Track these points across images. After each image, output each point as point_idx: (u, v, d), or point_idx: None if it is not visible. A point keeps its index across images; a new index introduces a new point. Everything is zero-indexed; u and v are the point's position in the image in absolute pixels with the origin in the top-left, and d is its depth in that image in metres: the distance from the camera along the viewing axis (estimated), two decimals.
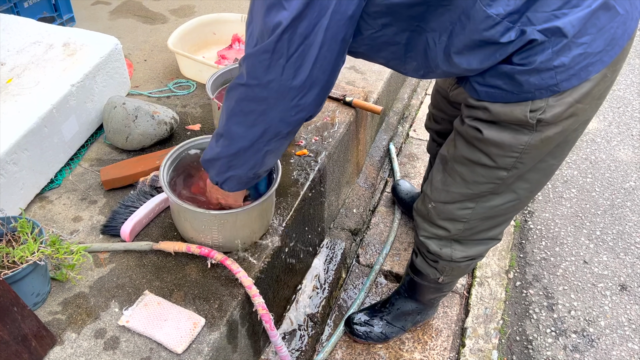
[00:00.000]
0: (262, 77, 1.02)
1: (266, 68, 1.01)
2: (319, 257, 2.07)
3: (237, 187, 1.32)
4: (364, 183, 2.51)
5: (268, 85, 1.03)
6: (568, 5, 1.00)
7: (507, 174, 1.26)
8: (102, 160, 1.83)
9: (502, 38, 1.02)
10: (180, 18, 2.79)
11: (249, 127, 1.12)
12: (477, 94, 1.17)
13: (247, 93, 1.07)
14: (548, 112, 1.11)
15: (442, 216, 1.46)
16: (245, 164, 1.22)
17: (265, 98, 1.05)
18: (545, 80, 1.07)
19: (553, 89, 1.08)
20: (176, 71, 2.32)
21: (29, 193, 1.63)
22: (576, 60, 1.04)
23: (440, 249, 1.53)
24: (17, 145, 1.52)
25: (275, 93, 1.04)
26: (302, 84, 1.03)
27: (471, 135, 1.24)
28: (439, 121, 1.78)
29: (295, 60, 0.99)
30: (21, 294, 1.24)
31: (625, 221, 2.44)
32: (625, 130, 3.04)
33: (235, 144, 1.17)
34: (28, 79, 1.72)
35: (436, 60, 1.12)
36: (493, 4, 0.99)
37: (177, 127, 1.94)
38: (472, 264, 1.61)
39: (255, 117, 1.10)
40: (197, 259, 1.51)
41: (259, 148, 1.17)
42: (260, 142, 1.15)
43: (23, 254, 1.27)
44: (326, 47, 0.99)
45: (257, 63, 1.01)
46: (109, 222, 1.58)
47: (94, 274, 1.47)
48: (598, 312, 2.04)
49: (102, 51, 1.87)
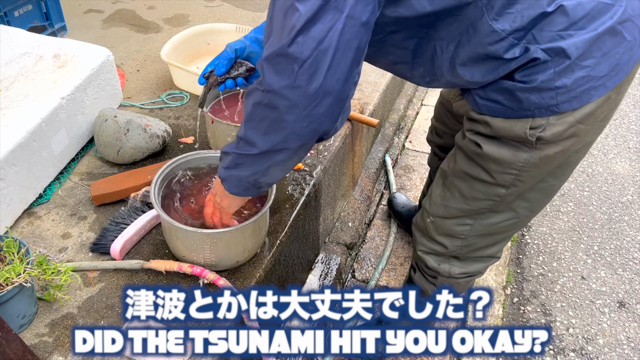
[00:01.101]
0: (276, 82, 0.98)
1: (280, 73, 0.97)
2: (314, 273, 2.04)
3: (236, 190, 1.27)
4: (360, 196, 2.48)
5: (281, 92, 0.98)
6: (574, 27, 0.99)
7: (506, 191, 1.24)
8: (93, 174, 1.79)
9: (506, 54, 1.01)
10: (174, 27, 2.75)
11: (262, 134, 1.08)
12: (478, 107, 1.15)
13: (262, 98, 1.03)
14: (548, 131, 1.09)
15: (439, 231, 1.44)
16: (250, 168, 1.18)
17: (277, 106, 1.01)
18: (545, 100, 1.05)
19: (553, 109, 1.06)
20: (169, 82, 2.28)
21: (17, 209, 1.58)
22: (578, 82, 1.03)
23: (438, 265, 1.51)
24: (5, 160, 1.48)
25: (287, 100, 0.99)
26: (315, 92, 0.98)
27: (471, 149, 1.23)
28: (442, 135, 1.76)
29: (309, 66, 0.95)
30: (6, 317, 1.20)
31: (623, 236, 2.42)
32: (622, 142, 3.03)
33: (246, 146, 1.14)
34: (17, 92, 1.68)
35: (442, 68, 1.11)
36: (499, 19, 0.98)
37: (169, 140, 1.91)
38: (472, 281, 1.58)
39: (268, 125, 1.06)
40: (189, 278, 1.47)
41: (267, 157, 1.13)
42: (269, 152, 1.11)
43: (9, 276, 1.23)
44: (340, 54, 0.95)
45: (271, 67, 0.98)
46: (98, 239, 1.54)
47: (83, 294, 1.42)
48: (596, 330, 2.01)
49: (93, 63, 1.83)
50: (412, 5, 0.98)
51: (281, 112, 1.01)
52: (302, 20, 0.91)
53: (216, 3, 3.05)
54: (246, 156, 1.15)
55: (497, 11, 0.98)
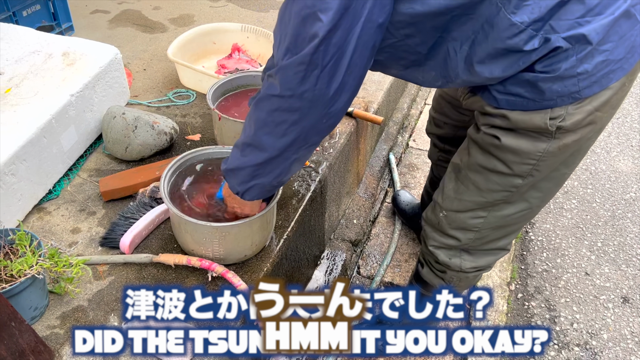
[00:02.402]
0: (297, 88, 1.02)
1: (301, 79, 1.01)
2: (319, 269, 2.06)
3: (258, 196, 1.32)
4: (364, 193, 2.50)
5: (302, 96, 1.03)
6: (591, 13, 1.01)
7: (522, 181, 1.26)
8: (101, 171, 1.81)
9: (526, 46, 1.03)
10: (180, 27, 2.78)
11: (280, 137, 1.12)
12: (496, 102, 1.17)
13: (280, 104, 1.07)
14: (568, 120, 1.12)
15: (453, 225, 1.45)
16: (271, 173, 1.22)
17: (298, 108, 1.06)
18: (567, 87, 1.07)
19: (575, 96, 1.09)
20: (176, 80, 2.30)
21: (27, 204, 1.60)
22: (599, 67, 1.06)
23: (449, 259, 1.52)
24: (16, 156, 1.50)
25: (309, 102, 1.04)
26: (335, 92, 1.03)
27: (488, 142, 1.24)
28: (441, 125, 1.78)
29: (330, 70, 1.00)
30: (19, 308, 1.22)
31: (627, 232, 2.43)
32: (624, 140, 3.04)
33: (263, 153, 1.17)
34: (27, 89, 1.70)
35: (456, 69, 1.13)
36: (518, 11, 1.00)
37: (177, 137, 1.93)
38: (480, 275, 1.60)
39: (286, 127, 1.10)
40: (198, 271, 1.49)
41: (287, 157, 1.17)
42: (289, 151, 1.15)
43: (21, 267, 1.25)
44: (357, 54, 1.00)
45: (292, 75, 1.01)
46: (108, 234, 1.56)
47: (93, 287, 1.44)
48: (601, 325, 2.02)
49: (101, 61, 1.86)
50: (426, 1, 1.00)
51: (302, 114, 1.06)
52: (324, 30, 0.94)
53: (221, 3, 3.08)
54: (264, 163, 1.19)
55: (514, 4, 0.99)
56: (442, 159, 1.87)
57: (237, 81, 1.90)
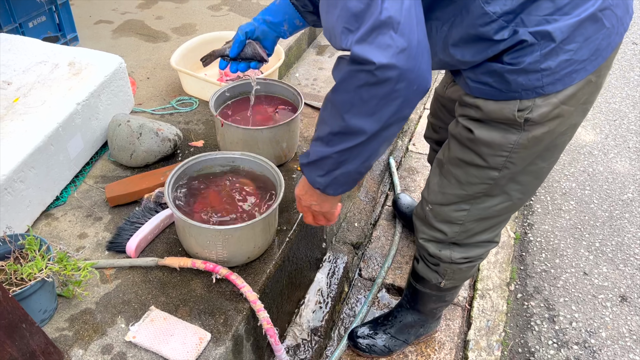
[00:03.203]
0: (381, 56, 0.96)
1: (380, 46, 0.96)
2: (321, 271, 2.09)
3: (341, 188, 1.25)
4: (365, 197, 2.53)
5: (389, 63, 0.97)
6: (559, 12, 1.06)
7: (499, 174, 1.31)
8: (107, 177, 1.85)
9: (496, 35, 1.08)
10: (182, 36, 2.83)
11: (369, 116, 1.06)
12: (470, 90, 1.22)
13: (368, 78, 1.00)
14: (535, 112, 1.16)
15: (438, 218, 1.50)
16: (359, 157, 1.14)
17: (388, 78, 0.99)
18: (531, 82, 1.12)
19: (538, 91, 1.14)
20: (179, 88, 2.35)
21: (35, 210, 1.65)
22: (562, 65, 1.11)
23: (439, 251, 1.57)
24: (24, 163, 1.55)
25: (396, 68, 0.98)
26: (416, 49, 0.99)
27: (464, 136, 1.30)
28: (438, 130, 1.83)
29: (403, 27, 0.96)
30: (29, 311, 1.25)
31: (624, 233, 2.46)
32: (621, 142, 3.08)
33: (353, 136, 1.10)
34: (34, 98, 1.75)
35: (435, 48, 1.18)
36: (491, 2, 1.06)
37: (180, 144, 1.97)
38: (473, 266, 1.63)
39: (376, 103, 1.03)
40: (202, 274, 1.53)
41: (379, 135, 1.10)
42: (380, 131, 1.08)
43: (31, 271, 1.29)
44: (418, 7, 1.00)
45: (370, 45, 0.97)
46: (114, 238, 1.60)
47: (100, 290, 1.48)
48: (599, 324, 2.05)
49: (106, 70, 1.90)
50: None
51: (392, 83, 0.99)
52: None
53: (222, 12, 3.13)
54: (352, 148, 1.12)
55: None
56: None
57: (238, 88, 1.95)
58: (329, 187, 1.23)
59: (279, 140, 1.84)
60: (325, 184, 1.22)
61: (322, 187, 1.24)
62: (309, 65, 2.80)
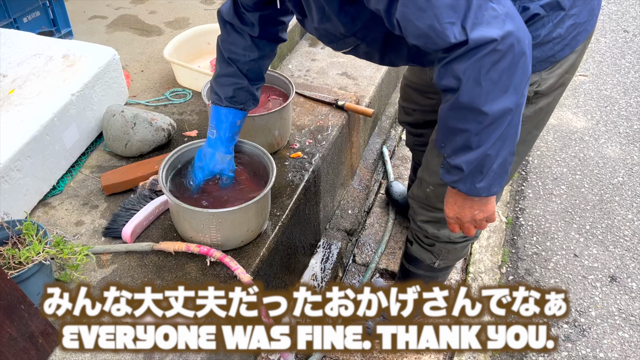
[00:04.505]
0: (493, 31, 0.95)
1: (488, 22, 0.96)
2: (315, 257, 2.13)
3: (502, 179, 1.17)
4: (359, 185, 2.57)
5: (504, 33, 0.96)
6: None
7: None
8: (103, 167, 1.88)
9: None
10: (175, 30, 2.85)
11: (505, 91, 1.02)
12: None
13: (492, 58, 0.97)
14: (543, 85, 1.22)
15: (441, 198, 1.50)
16: (510, 135, 1.08)
17: (509, 47, 0.97)
18: (545, 52, 1.18)
19: (551, 60, 1.19)
20: (172, 80, 2.38)
21: (32, 199, 1.68)
22: (569, 30, 1.17)
23: (438, 231, 1.59)
24: (20, 152, 1.58)
25: (511, 35, 0.97)
26: (511, 6, 0.98)
27: None
28: (411, 113, 1.89)
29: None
30: (27, 294, 1.28)
31: (614, 215, 2.50)
32: (612, 128, 3.11)
33: (501, 120, 1.04)
34: (29, 90, 1.78)
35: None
36: None
37: (174, 134, 2.00)
38: (467, 245, 1.66)
39: (507, 76, 1.00)
40: (197, 257, 1.56)
41: (521, 103, 1.06)
42: (521, 96, 1.05)
43: (29, 255, 1.32)
44: None
45: (481, 25, 0.96)
46: (110, 224, 1.63)
47: (97, 275, 1.52)
48: (589, 303, 2.09)
49: (100, 62, 1.93)
50: None
51: (513, 48, 0.98)
52: None
53: (215, 6, 3.16)
54: (504, 132, 1.07)
55: None
56: (417, 143, 1.96)
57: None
58: (493, 186, 1.17)
59: (270, 127, 1.87)
60: (488, 185, 1.16)
61: (487, 190, 1.17)
62: (302, 57, 2.83)
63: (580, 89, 3.45)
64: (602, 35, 4.09)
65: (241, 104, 1.54)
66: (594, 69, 3.67)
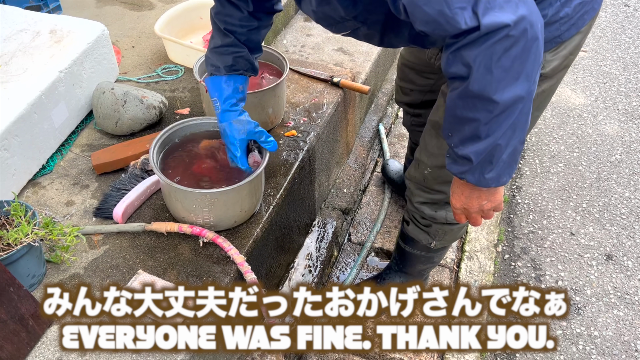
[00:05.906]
0: (507, 16, 0.92)
1: (501, 7, 0.92)
2: (310, 236, 2.11)
3: (512, 168, 1.15)
4: (354, 163, 2.54)
5: (517, 17, 0.92)
6: None
7: None
8: (93, 146, 1.85)
9: None
10: (167, 4, 2.78)
11: (517, 78, 0.98)
12: None
13: (504, 45, 0.94)
14: (547, 67, 1.19)
15: (439, 180, 1.50)
16: (520, 123, 1.06)
17: (523, 32, 0.93)
18: (552, 33, 1.14)
19: (557, 41, 1.15)
20: (164, 57, 2.33)
21: (21, 179, 1.65)
22: (576, 9, 1.13)
23: (435, 212, 1.58)
24: (8, 131, 1.54)
25: (524, 20, 0.93)
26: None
27: None
28: (408, 93, 1.86)
29: None
30: (17, 276, 1.27)
31: (611, 193, 2.48)
32: (611, 105, 3.08)
33: (513, 107, 1.02)
34: (16, 66, 1.73)
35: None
36: None
37: (166, 112, 1.96)
38: (463, 227, 1.65)
39: (519, 63, 0.97)
40: (189, 238, 1.54)
41: (532, 90, 1.03)
42: (532, 83, 1.02)
43: (17, 236, 1.30)
44: None
45: (495, 5, 0.92)
46: (101, 204, 1.61)
47: (88, 256, 1.50)
48: (584, 282, 2.09)
49: (89, 37, 1.88)
50: None
51: (526, 33, 0.94)
52: None
53: None
54: (515, 119, 1.04)
55: None
56: (415, 123, 1.93)
57: None
58: (502, 176, 1.14)
59: (264, 105, 1.83)
60: (498, 175, 1.13)
61: (496, 180, 1.14)
62: (297, 32, 2.77)
63: (580, 65, 3.40)
64: (603, 9, 4.02)
65: (241, 71, 1.49)
66: (593, 45, 3.61)
